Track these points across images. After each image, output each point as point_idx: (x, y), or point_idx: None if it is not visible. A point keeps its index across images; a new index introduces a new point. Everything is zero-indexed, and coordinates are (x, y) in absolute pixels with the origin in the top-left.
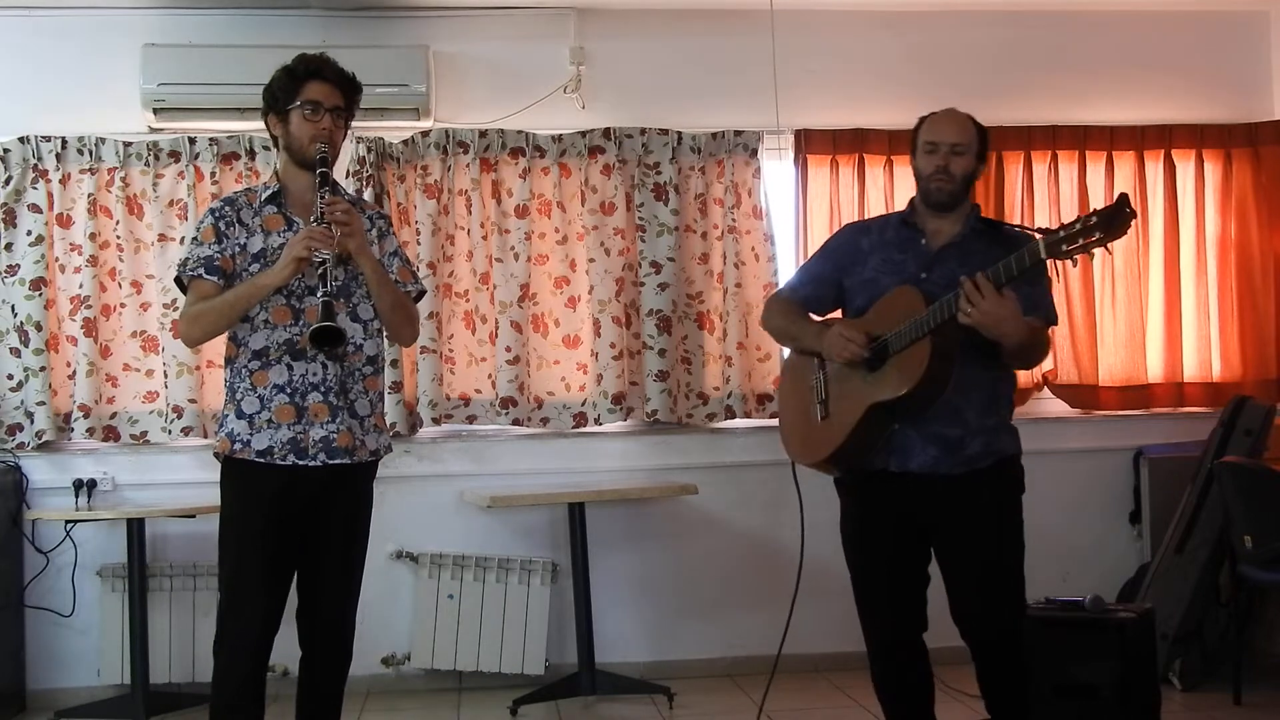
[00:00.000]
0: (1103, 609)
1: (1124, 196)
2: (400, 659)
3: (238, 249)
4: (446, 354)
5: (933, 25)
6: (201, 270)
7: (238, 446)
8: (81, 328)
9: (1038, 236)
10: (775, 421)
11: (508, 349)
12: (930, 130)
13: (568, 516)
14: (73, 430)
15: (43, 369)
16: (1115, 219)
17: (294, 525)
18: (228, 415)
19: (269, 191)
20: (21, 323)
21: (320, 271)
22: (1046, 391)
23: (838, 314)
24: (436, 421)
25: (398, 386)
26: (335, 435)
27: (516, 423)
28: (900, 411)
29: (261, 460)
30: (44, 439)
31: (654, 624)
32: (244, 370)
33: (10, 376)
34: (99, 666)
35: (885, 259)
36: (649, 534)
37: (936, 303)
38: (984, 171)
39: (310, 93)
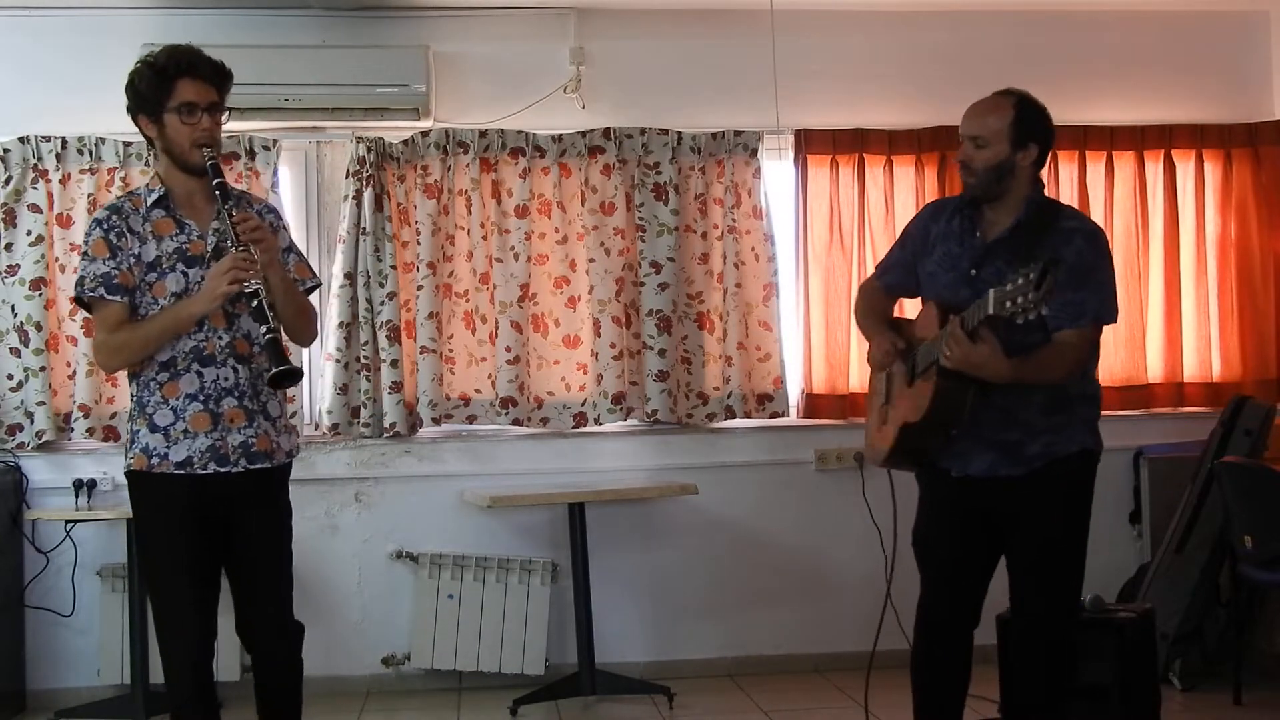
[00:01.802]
0: (1103, 609)
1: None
2: (400, 659)
3: (132, 260)
4: (446, 354)
5: (932, 25)
6: (102, 290)
7: (155, 460)
8: (81, 328)
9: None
10: (774, 421)
11: (508, 349)
12: (961, 122)
13: (568, 516)
14: (73, 430)
15: (43, 369)
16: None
17: (214, 532)
18: (139, 430)
19: (155, 195)
20: (21, 323)
21: (255, 305)
22: None
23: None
24: (436, 421)
25: (398, 386)
26: (254, 440)
27: (516, 423)
28: (928, 431)
29: (180, 472)
30: (44, 439)
31: (654, 624)
32: (152, 383)
33: (10, 376)
34: (99, 666)
35: (945, 252)
36: (649, 534)
37: (937, 339)
38: (1031, 159)
39: (183, 93)
